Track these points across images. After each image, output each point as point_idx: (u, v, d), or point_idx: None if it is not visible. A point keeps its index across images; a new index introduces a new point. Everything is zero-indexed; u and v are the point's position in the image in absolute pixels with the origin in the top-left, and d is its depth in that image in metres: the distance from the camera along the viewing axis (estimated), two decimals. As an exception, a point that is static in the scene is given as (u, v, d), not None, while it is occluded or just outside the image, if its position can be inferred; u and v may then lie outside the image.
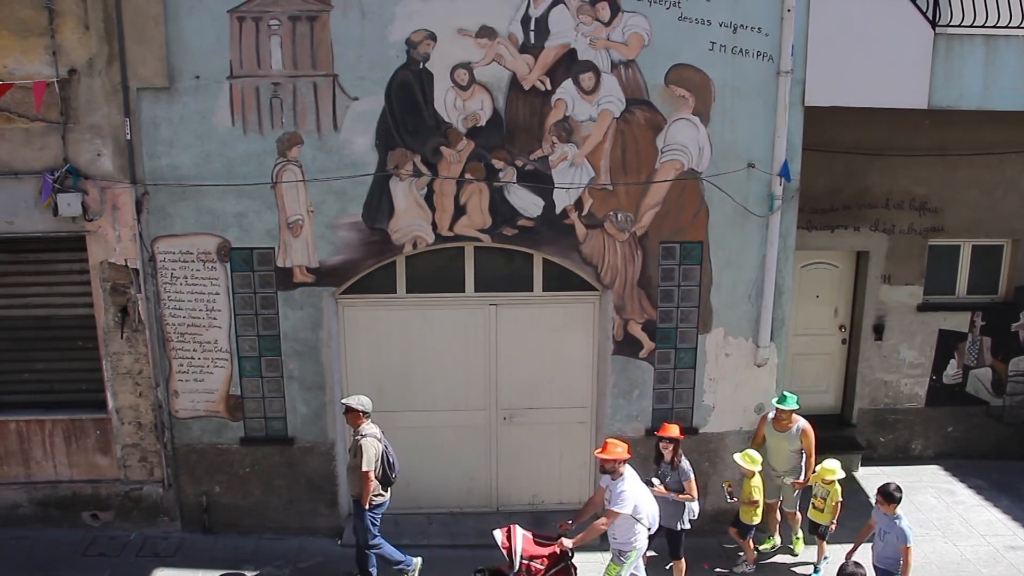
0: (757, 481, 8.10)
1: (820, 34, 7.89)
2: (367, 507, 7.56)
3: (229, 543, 8.32)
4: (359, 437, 7.49)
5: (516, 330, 8.67)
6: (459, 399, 8.86)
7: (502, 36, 7.76)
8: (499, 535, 6.96)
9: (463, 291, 8.57)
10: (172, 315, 8.20)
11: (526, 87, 7.88)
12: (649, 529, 7.16)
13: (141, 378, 8.27)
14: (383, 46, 7.72)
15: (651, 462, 7.98)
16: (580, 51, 7.84)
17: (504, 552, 6.88)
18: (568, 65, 7.87)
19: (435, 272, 8.52)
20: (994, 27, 8.07)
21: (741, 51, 7.89)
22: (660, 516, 7.59)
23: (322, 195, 7.98)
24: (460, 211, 8.12)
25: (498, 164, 8.02)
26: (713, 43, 7.86)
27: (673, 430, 7.65)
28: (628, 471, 7.08)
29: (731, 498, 8.05)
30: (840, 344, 10.65)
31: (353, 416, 7.57)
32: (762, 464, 8.18)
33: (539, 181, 8.08)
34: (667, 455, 7.69)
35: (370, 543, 7.72)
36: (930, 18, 8.04)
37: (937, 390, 10.61)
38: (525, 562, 6.83)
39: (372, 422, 7.63)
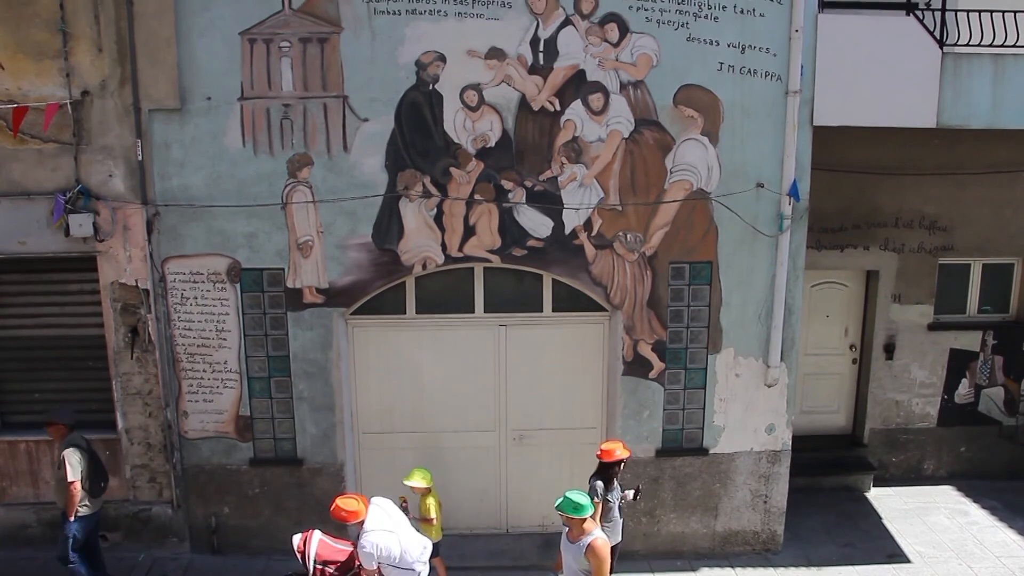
0: (432, 499, 7.84)
1: (828, 54, 7.91)
2: (72, 519, 7.48)
3: (238, 564, 8.29)
4: (63, 449, 7.48)
5: (526, 351, 8.66)
6: (469, 420, 8.84)
7: (511, 57, 7.80)
8: (297, 539, 6.90)
9: (473, 312, 8.57)
10: (182, 335, 8.22)
11: (535, 108, 7.91)
12: (413, 570, 6.78)
13: (151, 398, 8.28)
14: (393, 67, 7.77)
15: (590, 481, 7.46)
16: (589, 72, 7.87)
17: (299, 556, 6.82)
18: (577, 86, 7.90)
19: (445, 293, 8.52)
20: (1001, 46, 8.08)
21: (750, 71, 7.91)
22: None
23: (332, 216, 8.01)
24: (470, 232, 8.13)
25: (507, 185, 8.04)
26: (722, 63, 7.89)
27: (623, 451, 7.36)
28: (370, 521, 6.63)
29: (407, 515, 7.75)
30: (851, 364, 10.60)
31: (55, 429, 7.60)
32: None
33: (548, 202, 8.09)
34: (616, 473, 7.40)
35: (68, 559, 7.57)
36: (937, 38, 8.05)
37: (949, 410, 10.54)
38: (319, 567, 6.78)
39: (76, 433, 7.63)
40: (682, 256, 8.27)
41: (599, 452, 7.37)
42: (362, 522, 6.62)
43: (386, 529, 6.68)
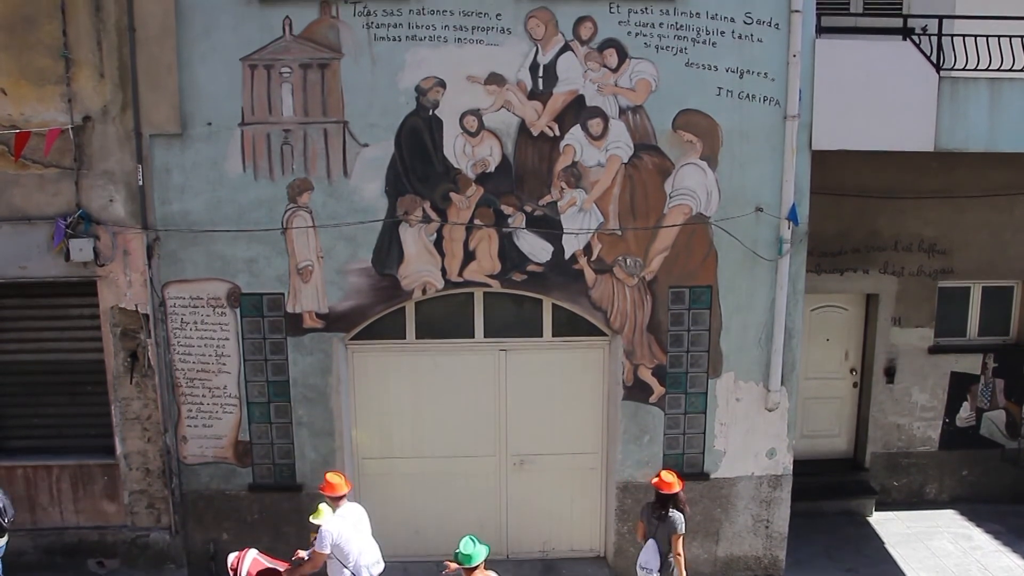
0: None
1: (826, 79, 7.94)
2: None
3: (236, 591, 8.23)
4: None
5: (526, 376, 8.64)
6: (469, 445, 8.80)
7: (511, 83, 7.84)
8: (231, 557, 6.96)
9: (473, 337, 8.56)
10: (182, 360, 8.21)
11: (535, 133, 7.94)
12: None
13: (150, 423, 8.25)
14: (393, 93, 7.80)
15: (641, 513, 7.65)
16: (588, 97, 7.91)
17: (231, 574, 6.85)
18: (576, 111, 7.93)
19: (445, 318, 8.52)
20: (998, 71, 8.12)
21: (748, 96, 7.95)
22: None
23: (332, 241, 8.02)
24: (469, 257, 8.14)
25: (507, 210, 8.05)
26: (720, 88, 7.92)
27: (679, 483, 7.35)
28: (342, 510, 6.87)
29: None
30: (851, 387, 10.57)
31: None
32: None
33: (548, 226, 8.10)
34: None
35: None
36: (934, 62, 8.10)
37: (950, 433, 10.50)
38: None
39: None
40: (682, 280, 8.27)
41: (657, 482, 7.39)
42: (336, 498, 6.84)
43: (352, 524, 6.78)
